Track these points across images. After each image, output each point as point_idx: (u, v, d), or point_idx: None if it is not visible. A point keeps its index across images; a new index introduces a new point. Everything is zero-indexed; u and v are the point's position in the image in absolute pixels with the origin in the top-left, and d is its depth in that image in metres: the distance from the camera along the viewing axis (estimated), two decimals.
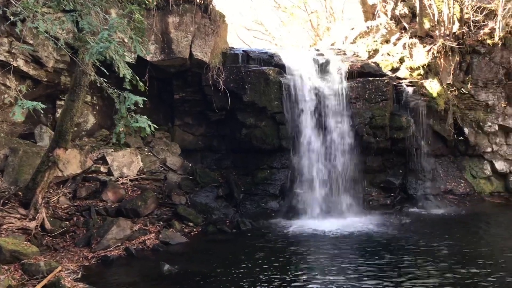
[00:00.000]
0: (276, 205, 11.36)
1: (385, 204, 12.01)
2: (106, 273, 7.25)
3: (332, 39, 16.96)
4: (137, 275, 7.14)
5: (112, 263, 7.70)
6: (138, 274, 7.21)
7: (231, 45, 13.90)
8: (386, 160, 12.52)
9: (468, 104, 13.49)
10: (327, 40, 18.23)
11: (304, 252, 8.17)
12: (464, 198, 12.78)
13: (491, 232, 9.69)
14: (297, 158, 11.55)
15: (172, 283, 6.72)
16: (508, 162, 13.78)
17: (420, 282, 6.53)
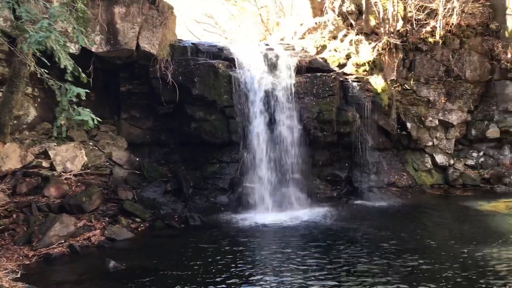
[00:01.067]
0: (225, 199, 11.37)
1: (332, 197, 12.31)
2: (48, 272, 6.99)
3: (282, 34, 17.09)
4: (81, 273, 6.94)
5: (54, 261, 7.44)
6: (83, 271, 7.01)
7: (181, 38, 13.71)
8: (333, 154, 12.79)
9: (410, 100, 14.02)
10: (276, 35, 18.35)
11: (253, 246, 8.23)
12: (407, 190, 13.31)
13: (432, 223, 10.15)
14: (246, 152, 11.58)
15: (118, 280, 6.58)
16: (447, 155, 14.46)
17: (365, 272, 6.73)
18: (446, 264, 6.99)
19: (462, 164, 14.43)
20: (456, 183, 14.00)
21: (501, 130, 14.40)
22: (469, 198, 12.48)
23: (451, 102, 14.40)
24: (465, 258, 7.24)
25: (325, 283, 6.27)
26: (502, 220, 9.87)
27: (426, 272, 6.67)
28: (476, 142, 14.81)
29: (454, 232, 9.06)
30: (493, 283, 6.13)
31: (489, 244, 7.90)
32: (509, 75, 14.19)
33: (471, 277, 6.40)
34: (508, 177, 13.72)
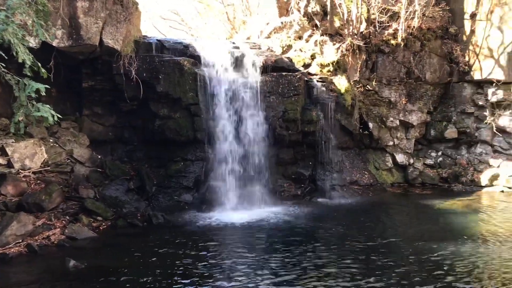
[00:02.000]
0: (190, 198, 11.31)
1: (296, 195, 12.45)
2: (4, 272, 6.77)
3: (248, 33, 17.13)
4: (40, 273, 6.76)
5: (11, 261, 7.23)
6: (41, 271, 6.83)
7: (145, 34, 13.53)
8: (297, 152, 12.94)
9: (372, 100, 14.34)
10: (243, 34, 18.38)
11: (217, 245, 8.19)
12: (368, 188, 13.62)
13: (392, 221, 10.42)
14: (211, 150, 11.55)
15: (78, 279, 6.45)
16: (407, 155, 14.87)
17: (331, 273, 6.84)
18: (407, 261, 7.20)
19: (421, 164, 14.88)
20: (415, 182, 14.44)
21: (458, 130, 14.92)
22: (428, 196, 12.87)
23: (412, 103, 14.82)
24: (425, 254, 7.46)
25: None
26: (459, 218, 10.23)
27: (389, 269, 6.84)
28: (435, 142, 15.30)
29: (414, 230, 9.34)
30: (451, 278, 6.37)
31: (447, 242, 8.17)
32: (466, 78, 14.72)
33: (431, 273, 6.62)
34: (464, 176, 14.23)
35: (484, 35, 14.23)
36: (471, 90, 14.85)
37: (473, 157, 14.74)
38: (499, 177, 13.79)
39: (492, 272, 6.69)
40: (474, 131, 14.81)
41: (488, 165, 14.31)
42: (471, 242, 8.24)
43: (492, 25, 14.02)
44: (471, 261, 7.13)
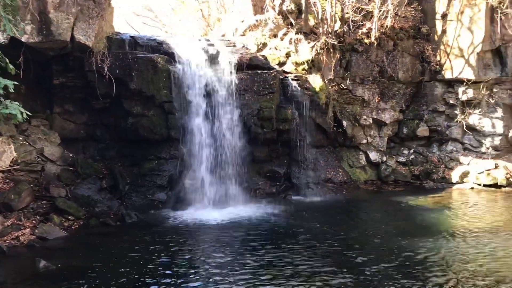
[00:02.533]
0: (163, 197, 11.21)
1: (271, 193, 12.48)
2: None
3: (223, 30, 17.06)
4: (8, 274, 6.58)
5: None
6: (10, 272, 6.65)
7: (119, 31, 13.30)
8: (272, 150, 12.96)
9: (346, 99, 14.49)
10: (217, 31, 18.30)
11: (191, 243, 8.15)
12: (342, 186, 13.76)
13: (366, 218, 10.59)
14: (186, 149, 11.46)
15: (49, 280, 6.30)
16: (380, 152, 15.08)
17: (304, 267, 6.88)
18: (382, 256, 7.32)
19: (394, 161, 15.11)
20: (388, 179, 14.65)
21: (430, 129, 15.21)
22: (400, 193, 13.09)
23: (385, 102, 15.03)
24: (399, 250, 7.60)
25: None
26: (431, 215, 10.44)
27: (364, 264, 6.92)
28: (407, 140, 15.55)
29: (388, 227, 9.49)
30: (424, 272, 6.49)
31: (420, 237, 8.34)
32: (438, 77, 15.00)
33: (405, 267, 6.73)
34: (436, 174, 14.52)
35: (455, 35, 14.53)
36: (442, 89, 15.15)
37: (444, 154, 15.05)
38: (469, 174, 14.12)
39: (462, 265, 6.85)
40: (445, 129, 15.12)
41: (459, 163, 14.63)
42: (443, 237, 8.42)
43: (463, 25, 14.32)
44: (442, 256, 7.28)
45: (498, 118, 14.45)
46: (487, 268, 6.73)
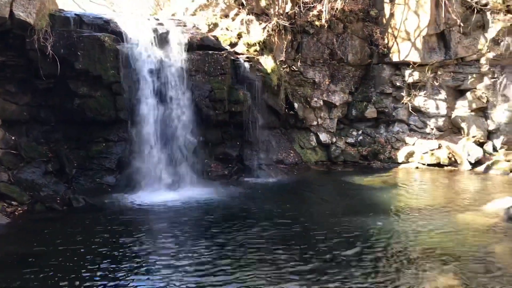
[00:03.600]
0: (113, 180, 10.95)
1: (223, 175, 12.47)
2: None
3: (173, 10, 16.64)
4: None
5: None
6: None
7: (63, 8, 12.69)
8: (225, 132, 12.92)
9: (298, 81, 14.61)
10: (167, 10, 17.83)
11: (140, 227, 7.99)
12: (294, 167, 13.96)
13: (316, 197, 10.82)
14: (135, 130, 11.19)
15: None
16: (330, 134, 15.37)
17: (257, 247, 6.94)
18: (333, 234, 7.50)
19: (343, 142, 15.45)
20: (337, 159, 14.99)
21: (377, 110, 15.63)
22: (349, 173, 13.44)
23: (335, 84, 15.28)
24: (348, 228, 7.82)
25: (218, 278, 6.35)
26: (378, 193, 10.79)
27: (316, 243, 7.06)
28: (356, 121, 15.92)
29: (337, 205, 9.73)
30: (372, 248, 6.73)
31: (368, 215, 8.60)
32: (385, 60, 15.38)
33: (355, 244, 6.93)
34: (383, 154, 14.98)
35: (402, 19, 14.90)
36: (389, 72, 15.55)
37: (391, 135, 15.54)
38: (414, 154, 14.66)
39: (408, 239, 7.14)
40: (392, 111, 15.59)
41: (405, 143, 15.16)
42: (389, 215, 8.74)
43: (410, 9, 14.70)
44: (389, 232, 7.56)
45: (441, 100, 15.04)
46: (430, 241, 7.05)
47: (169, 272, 5.84)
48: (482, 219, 8.34)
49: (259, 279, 5.63)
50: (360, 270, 5.92)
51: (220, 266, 6.01)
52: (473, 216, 8.57)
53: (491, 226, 7.89)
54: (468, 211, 9.02)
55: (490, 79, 14.54)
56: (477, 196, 10.43)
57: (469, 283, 5.47)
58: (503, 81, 14.32)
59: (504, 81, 14.31)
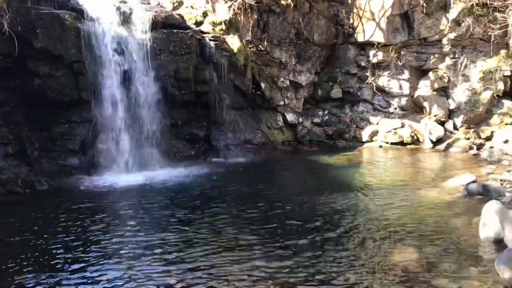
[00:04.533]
0: (76, 162, 10.72)
1: (190, 156, 12.40)
2: None
3: None
4: None
5: None
6: None
7: None
8: (191, 113, 12.79)
9: (264, 61, 14.57)
10: None
11: (105, 209, 7.87)
12: (261, 147, 14.02)
13: (283, 176, 11.00)
14: (99, 111, 10.94)
15: None
16: (296, 114, 15.47)
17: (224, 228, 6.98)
18: (299, 211, 7.67)
19: (309, 122, 15.60)
20: (304, 139, 15.16)
21: (343, 90, 15.82)
22: (315, 153, 13.63)
23: (301, 64, 15.33)
24: (314, 205, 7.99)
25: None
26: (342, 172, 11.03)
27: (283, 220, 7.16)
28: (322, 101, 16.08)
29: (304, 184, 9.94)
30: (338, 224, 6.88)
31: (333, 193, 8.77)
32: (351, 40, 15.51)
33: (320, 220, 7.07)
34: (348, 133, 15.22)
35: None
36: (355, 52, 15.71)
37: (355, 115, 15.78)
38: (378, 133, 14.97)
39: (371, 217, 7.34)
40: (357, 91, 15.80)
41: (369, 122, 15.44)
42: (354, 192, 8.95)
43: None
44: (353, 209, 7.76)
45: (405, 80, 15.35)
46: (392, 217, 7.27)
47: (135, 256, 5.78)
48: (442, 195, 8.65)
49: (228, 263, 5.67)
50: (324, 245, 6.06)
51: (188, 250, 5.97)
52: (434, 193, 8.88)
53: (451, 202, 8.20)
54: (429, 187, 9.33)
55: (451, 59, 14.90)
56: (438, 173, 10.78)
57: (428, 257, 5.68)
58: (463, 61, 14.71)
59: (465, 61, 14.70)
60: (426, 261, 5.54)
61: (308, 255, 5.76)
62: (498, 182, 9.16)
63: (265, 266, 5.42)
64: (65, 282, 5.01)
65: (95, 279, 5.10)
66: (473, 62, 14.52)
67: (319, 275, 5.19)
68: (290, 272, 5.26)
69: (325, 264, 5.52)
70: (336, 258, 5.69)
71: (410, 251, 5.87)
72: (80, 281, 5.06)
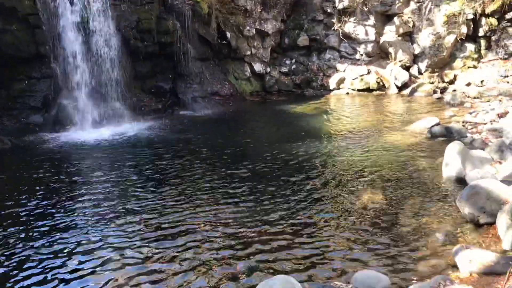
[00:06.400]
0: (40, 119, 10.44)
1: (157, 109, 12.24)
2: None
3: None
4: None
5: None
6: None
7: None
8: (156, 65, 12.49)
9: (229, 9, 14.19)
10: None
11: (69, 166, 7.72)
12: (229, 98, 13.93)
13: (252, 127, 10.99)
14: (60, 66, 10.58)
15: None
16: (264, 64, 15.32)
17: (191, 178, 7.01)
18: (269, 159, 7.72)
19: (277, 72, 15.51)
20: (272, 89, 15.12)
21: (309, 38, 15.68)
22: (283, 102, 13.65)
23: (267, 12, 15.02)
24: (282, 153, 8.06)
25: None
26: (311, 120, 11.11)
27: (252, 166, 7.24)
28: (289, 50, 15.94)
29: (273, 134, 9.99)
30: (303, 169, 7.02)
31: (301, 141, 8.87)
32: None
33: (288, 168, 7.19)
34: (315, 82, 15.24)
35: None
36: None
37: (323, 63, 15.75)
38: (345, 80, 15.04)
39: (339, 162, 7.50)
40: (324, 38, 15.69)
41: (336, 70, 15.46)
42: (322, 139, 9.07)
43: None
44: (322, 155, 7.89)
45: (370, 26, 15.29)
46: (360, 161, 7.45)
47: (103, 214, 5.66)
48: (407, 138, 8.87)
49: (203, 210, 5.74)
50: (294, 189, 6.19)
51: (158, 205, 5.93)
52: (400, 136, 9.09)
53: (416, 144, 8.42)
54: (395, 131, 9.54)
55: (416, 3, 14.87)
56: (403, 117, 10.99)
57: (392, 197, 5.89)
58: (428, 5, 14.71)
59: (429, 5, 14.70)
60: (391, 201, 5.74)
61: (281, 199, 5.88)
62: (460, 124, 9.42)
63: (242, 210, 5.52)
64: (30, 244, 4.87)
65: (59, 239, 5.02)
66: (437, 6, 14.53)
67: (292, 215, 5.33)
68: (265, 215, 5.37)
69: (295, 204, 5.69)
70: (306, 200, 5.83)
71: (376, 192, 6.06)
72: (45, 241, 4.97)
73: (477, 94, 12.61)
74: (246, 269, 4.18)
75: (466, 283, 3.69)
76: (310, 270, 4.21)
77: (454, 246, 4.35)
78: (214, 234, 4.95)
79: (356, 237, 4.83)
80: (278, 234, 4.93)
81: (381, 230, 4.97)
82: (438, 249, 4.48)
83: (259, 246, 4.66)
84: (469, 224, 4.95)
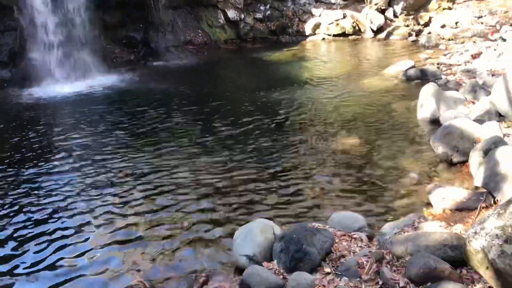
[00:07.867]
0: (7, 74, 10.10)
1: (129, 60, 11.98)
2: None
3: None
4: None
5: None
6: None
7: None
8: (126, 14, 12.07)
9: None
10: None
11: (42, 123, 7.49)
12: (203, 47, 13.62)
13: (228, 75, 10.88)
14: (25, 18, 10.10)
15: None
16: (238, 10, 14.88)
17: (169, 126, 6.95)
18: (246, 107, 7.75)
19: (251, 18, 15.11)
20: (247, 36, 14.78)
21: None
22: (259, 50, 13.42)
23: None
24: (259, 101, 8.07)
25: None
26: (287, 67, 11.01)
27: (232, 116, 7.20)
28: None
29: (249, 82, 9.88)
30: (278, 113, 7.02)
31: (277, 88, 8.81)
32: None
33: (266, 115, 7.17)
34: (291, 28, 14.95)
35: None
36: None
37: (298, 8, 15.37)
38: (320, 25, 14.78)
39: (316, 107, 7.52)
40: None
41: (311, 15, 15.14)
42: (299, 86, 9.04)
43: None
44: (300, 102, 7.89)
45: None
46: (336, 106, 7.49)
47: (77, 174, 5.50)
48: (383, 82, 8.90)
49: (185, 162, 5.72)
50: (274, 135, 6.22)
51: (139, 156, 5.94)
52: (375, 80, 9.11)
53: (391, 87, 8.48)
54: (370, 76, 9.54)
55: None
56: (379, 61, 10.96)
57: (368, 139, 5.97)
58: None
59: None
60: (366, 143, 5.82)
61: (257, 145, 5.92)
62: (435, 66, 9.47)
63: (221, 160, 5.54)
64: (8, 207, 4.79)
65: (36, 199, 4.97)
66: None
67: (268, 161, 5.41)
68: (243, 162, 5.41)
69: (272, 150, 5.78)
70: (282, 145, 5.91)
71: (352, 135, 6.14)
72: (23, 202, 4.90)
73: (452, 36, 12.62)
74: (224, 217, 4.25)
75: (439, 219, 3.82)
76: (288, 213, 4.30)
77: (428, 185, 4.47)
78: (192, 184, 4.97)
79: (332, 179, 4.92)
80: (255, 181, 4.99)
81: (357, 171, 5.06)
82: (412, 189, 4.61)
83: (237, 194, 4.71)
84: (443, 163, 5.08)
